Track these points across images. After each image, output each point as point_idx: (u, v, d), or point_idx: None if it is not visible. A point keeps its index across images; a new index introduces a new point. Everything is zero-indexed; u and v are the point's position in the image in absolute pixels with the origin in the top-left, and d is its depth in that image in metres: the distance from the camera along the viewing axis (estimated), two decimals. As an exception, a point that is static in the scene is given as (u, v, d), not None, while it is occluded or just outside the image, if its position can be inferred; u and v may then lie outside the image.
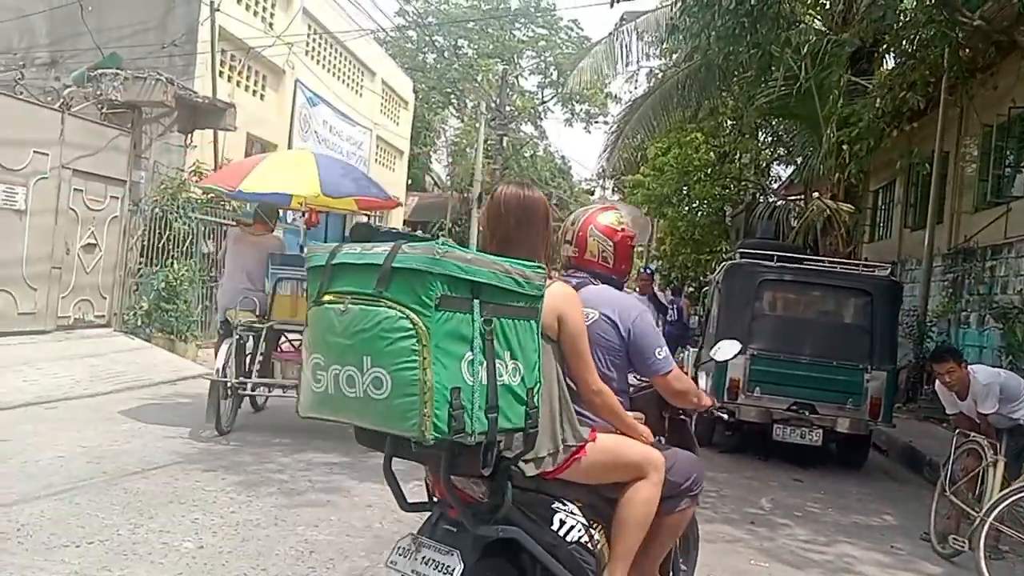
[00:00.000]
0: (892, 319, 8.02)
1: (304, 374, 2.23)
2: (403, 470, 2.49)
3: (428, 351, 2.00)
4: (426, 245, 2.09)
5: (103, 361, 9.25)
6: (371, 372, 2.03)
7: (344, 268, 2.18)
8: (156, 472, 5.41)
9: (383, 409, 2.04)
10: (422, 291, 2.03)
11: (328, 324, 2.13)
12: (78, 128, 9.85)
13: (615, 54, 16.98)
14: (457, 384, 2.04)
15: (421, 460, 2.41)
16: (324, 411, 2.20)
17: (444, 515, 2.46)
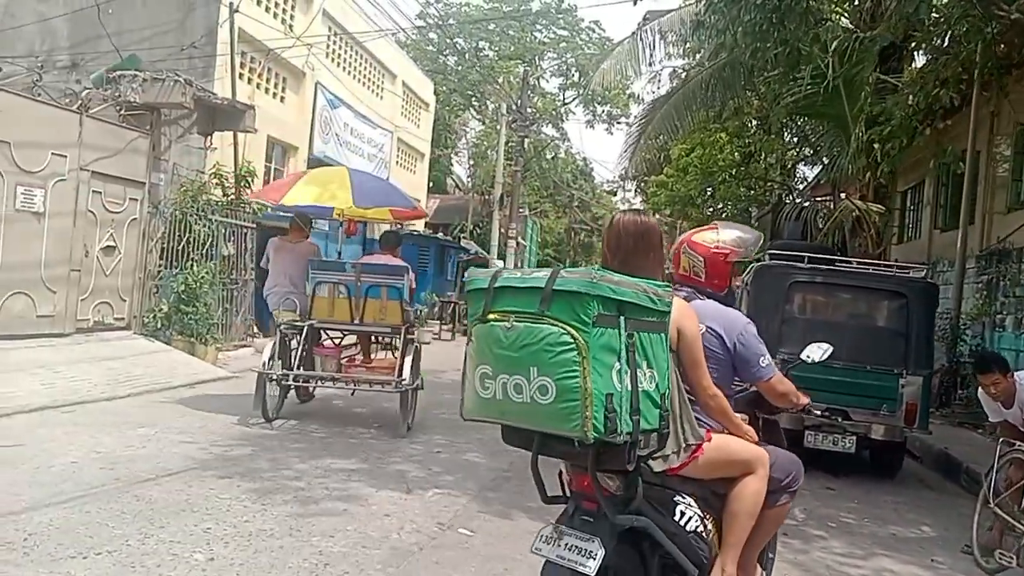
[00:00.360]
0: (928, 322, 7.74)
1: (468, 381, 2.56)
2: (422, 477, 2.74)
3: (587, 362, 2.32)
4: (583, 270, 2.44)
5: (121, 364, 9.17)
6: (537, 381, 2.36)
7: (506, 291, 2.51)
8: (170, 479, 5.28)
9: (548, 413, 2.36)
10: (581, 310, 2.35)
11: (495, 339, 2.46)
12: (96, 130, 9.80)
13: (638, 54, 16.76)
14: (610, 390, 2.35)
15: (567, 458, 2.70)
16: (490, 414, 2.55)
17: (579, 507, 2.72)
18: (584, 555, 2.58)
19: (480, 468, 6.41)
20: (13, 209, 8.79)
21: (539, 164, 38.67)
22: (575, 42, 40.36)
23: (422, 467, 6.20)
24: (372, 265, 7.94)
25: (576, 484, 2.75)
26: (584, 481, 2.67)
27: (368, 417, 8.31)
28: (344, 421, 7.87)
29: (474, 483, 5.89)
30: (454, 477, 6.00)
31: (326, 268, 7.84)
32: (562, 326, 2.35)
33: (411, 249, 23.19)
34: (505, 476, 6.23)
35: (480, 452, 6.99)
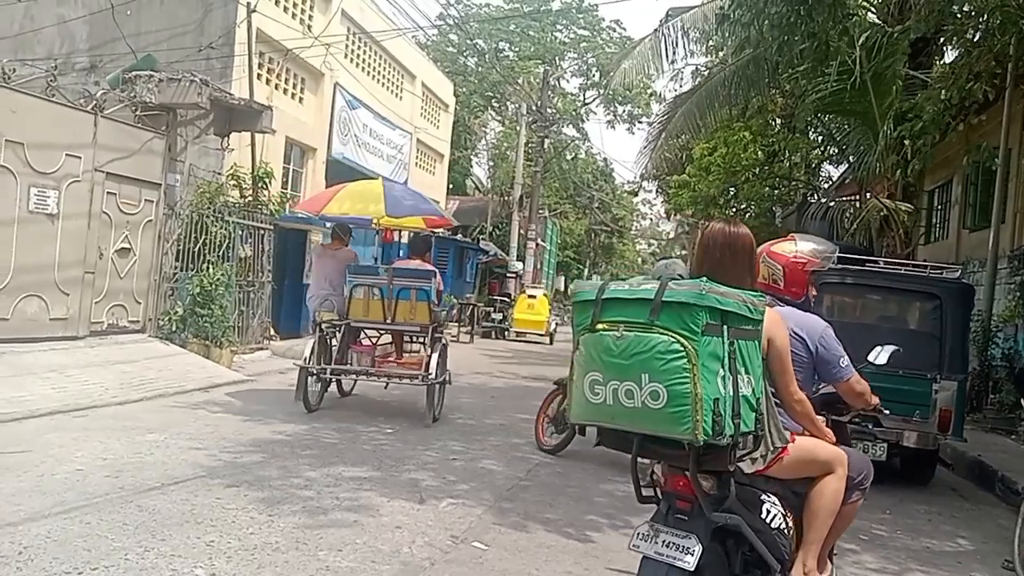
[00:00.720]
0: (963, 325, 7.44)
1: (575, 387, 2.72)
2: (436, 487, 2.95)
3: (697, 369, 2.47)
4: (691, 282, 2.60)
5: (135, 368, 9.07)
6: (649, 386, 2.51)
7: (614, 302, 2.66)
8: (175, 487, 5.12)
9: (659, 417, 2.51)
10: (690, 320, 2.51)
11: (605, 347, 2.61)
12: (111, 130, 9.71)
13: (660, 51, 16.51)
14: (716, 395, 2.50)
15: (666, 459, 2.81)
16: (600, 418, 2.70)
17: (672, 506, 2.83)
18: (682, 551, 2.71)
19: (496, 476, 6.20)
20: (27, 211, 8.71)
21: (559, 165, 38.46)
22: (595, 42, 40.11)
23: (436, 475, 6.01)
24: (403, 269, 8.63)
25: (670, 484, 2.86)
26: (679, 481, 2.82)
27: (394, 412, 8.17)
28: (368, 417, 7.71)
29: (490, 492, 5.69)
30: (469, 486, 5.79)
31: (361, 272, 8.56)
32: (672, 335, 2.50)
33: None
34: (522, 485, 6.02)
35: (497, 459, 6.79)
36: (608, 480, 6.48)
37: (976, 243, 14.98)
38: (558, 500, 5.71)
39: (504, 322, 22.22)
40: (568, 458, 7.13)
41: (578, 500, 5.76)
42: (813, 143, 20.66)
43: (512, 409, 9.70)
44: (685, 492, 2.80)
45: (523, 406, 10.02)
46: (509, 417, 9.09)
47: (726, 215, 22.23)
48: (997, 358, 12.16)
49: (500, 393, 11.11)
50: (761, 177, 20.40)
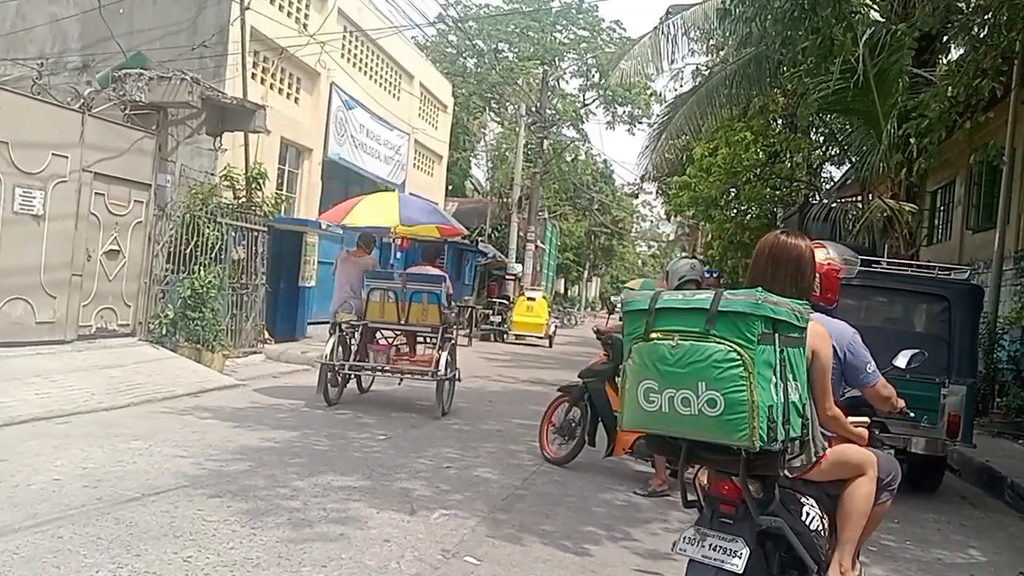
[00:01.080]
0: (972, 327, 7.23)
1: (630, 395, 2.76)
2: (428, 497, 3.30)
3: (753, 377, 2.53)
4: (746, 292, 2.65)
5: (123, 372, 8.86)
6: (706, 394, 2.56)
7: (668, 311, 2.72)
8: (156, 498, 4.90)
9: (716, 424, 2.57)
10: (746, 329, 2.57)
11: (660, 356, 2.67)
12: (100, 130, 9.51)
13: (660, 50, 16.32)
14: (770, 402, 2.57)
15: (715, 465, 2.88)
16: (655, 426, 2.77)
17: (717, 510, 2.90)
18: (730, 554, 2.77)
19: (491, 485, 5.99)
20: (11, 211, 8.53)
21: (559, 166, 38.27)
22: (595, 42, 39.92)
23: (429, 484, 5.79)
24: (415, 275, 9.25)
25: (715, 489, 2.92)
26: (724, 486, 2.89)
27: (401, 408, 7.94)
28: (363, 423, 7.50)
29: (484, 503, 5.47)
30: (463, 496, 5.58)
31: (378, 277, 9.26)
32: (728, 344, 2.56)
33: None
34: (518, 494, 5.81)
35: (492, 467, 6.58)
36: (607, 488, 6.27)
37: (980, 244, 14.81)
38: (555, 510, 5.49)
39: (503, 325, 22.01)
40: (567, 466, 6.92)
41: (576, 510, 5.55)
42: (815, 143, 20.47)
43: (509, 414, 9.50)
44: (730, 496, 2.87)
45: (520, 411, 9.83)
46: (506, 422, 8.88)
47: (727, 216, 22.04)
48: (1003, 361, 11.96)
49: (497, 398, 10.89)
50: (762, 178, 20.18)
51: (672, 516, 5.70)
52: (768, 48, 13.27)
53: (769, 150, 20.09)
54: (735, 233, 21.43)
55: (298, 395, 9.36)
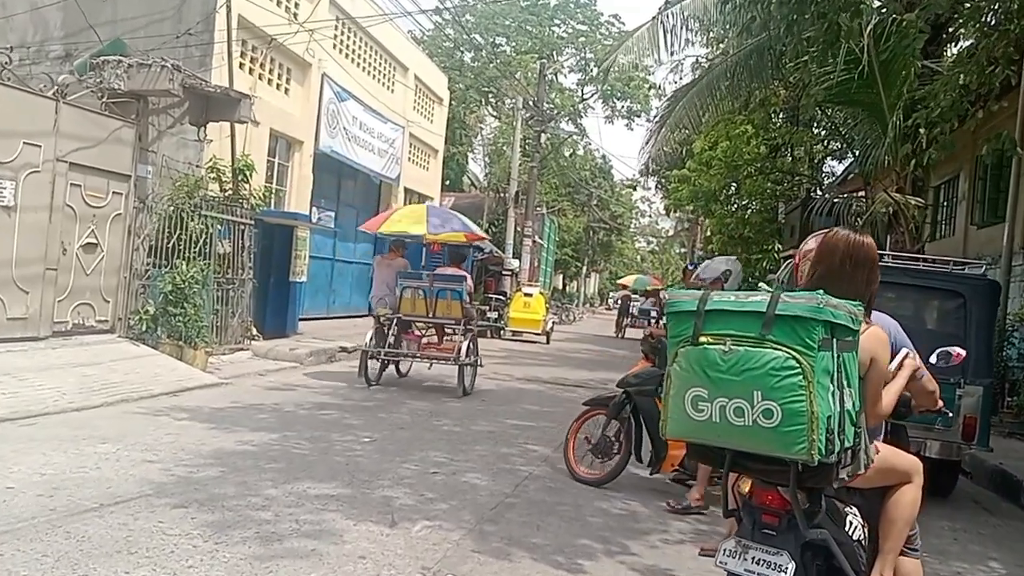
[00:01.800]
0: (988, 325, 6.87)
1: (675, 403, 2.62)
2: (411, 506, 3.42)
3: (812, 386, 2.39)
4: (807, 294, 2.50)
5: (99, 370, 8.48)
6: (762, 404, 2.43)
7: (718, 314, 2.58)
8: (115, 509, 4.53)
9: (772, 436, 2.44)
10: (805, 334, 2.43)
11: (711, 362, 2.52)
12: (76, 118, 9.11)
13: (658, 41, 15.96)
14: (829, 413, 2.43)
15: (763, 475, 2.74)
16: (704, 436, 2.62)
17: (758, 521, 2.78)
18: (774, 568, 2.67)
19: (480, 493, 5.61)
20: (-20, 203, 8.14)
21: (556, 161, 37.90)
22: (594, 36, 39.51)
23: (413, 492, 5.42)
24: (440, 275, 10.66)
25: (759, 499, 2.82)
26: (768, 496, 2.78)
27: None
28: (344, 426, 7.13)
29: (471, 513, 5.10)
30: (448, 505, 5.20)
31: (410, 277, 10.67)
32: (786, 350, 2.42)
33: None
34: (508, 503, 5.44)
35: (482, 473, 6.20)
36: (604, 496, 5.90)
37: (984, 240, 14.50)
38: (547, 521, 5.12)
39: (499, 321, 21.62)
40: (560, 471, 6.56)
41: (570, 521, 5.18)
42: (817, 137, 20.15)
43: (503, 414, 9.13)
44: (774, 506, 2.76)
45: (514, 411, 9.47)
46: (499, 423, 8.51)
47: (727, 211, 21.72)
48: (1013, 359, 11.61)
49: (491, 396, 10.52)
50: (764, 172, 19.88)
51: (672, 527, 5.34)
52: (771, 37, 12.92)
53: (770, 144, 19.79)
54: (736, 228, 21.13)
55: (282, 394, 9.00)
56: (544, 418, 9.17)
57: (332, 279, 19.33)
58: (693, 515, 5.62)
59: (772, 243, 21.75)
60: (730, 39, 16.75)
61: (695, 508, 5.67)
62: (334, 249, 19.25)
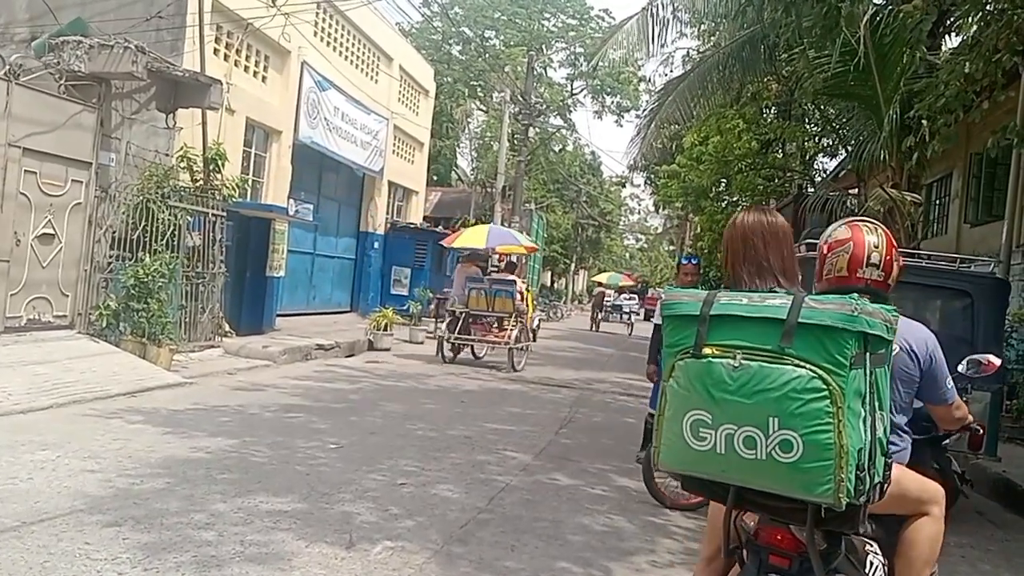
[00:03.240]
0: (997, 326, 6.46)
1: (671, 428, 2.21)
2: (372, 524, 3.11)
3: (842, 412, 1.99)
4: (837, 299, 2.08)
5: (52, 369, 7.97)
6: (778, 434, 2.02)
7: (727, 319, 2.15)
8: (38, 528, 4.04)
9: (790, 473, 2.02)
10: (835, 349, 2.01)
11: (717, 380, 2.11)
12: (30, 101, 8.58)
13: (648, 32, 15.55)
14: (860, 445, 2.03)
15: (773, 513, 2.33)
16: (706, 470, 2.19)
17: (765, 562, 2.42)
18: None
19: (451, 507, 5.14)
20: (-77, 189, 7.61)
21: (545, 156, 37.46)
22: (584, 30, 39.08)
23: (377, 507, 4.94)
24: (496, 279, 14.11)
25: (766, 537, 2.43)
26: (777, 535, 2.40)
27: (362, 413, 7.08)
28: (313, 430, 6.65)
29: (439, 531, 4.63)
30: (414, 522, 4.73)
31: (476, 281, 13.88)
32: (811, 368, 2.01)
33: (407, 243, 22.04)
34: (481, 519, 4.97)
35: (454, 483, 5.73)
36: (586, 510, 5.44)
37: (978, 239, 14.19)
38: (523, 540, 4.66)
39: (484, 318, 21.14)
40: (541, 480, 6.11)
41: (548, 540, 4.72)
42: (809, 132, 19.80)
43: (482, 417, 8.66)
44: (784, 547, 2.38)
45: (495, 414, 9.01)
46: (477, 427, 8.04)
47: (717, 208, 21.33)
48: (1012, 361, 11.23)
49: (471, 398, 10.05)
50: (755, 168, 19.49)
51: (660, 545, 4.89)
52: (764, 27, 12.54)
53: (762, 139, 19.42)
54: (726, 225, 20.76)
55: (248, 395, 8.51)
56: (526, 421, 8.72)
57: (312, 274, 18.82)
58: (683, 533, 5.18)
59: (763, 241, 21.39)
60: (722, 31, 16.40)
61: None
62: (314, 243, 18.74)
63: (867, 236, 2.71)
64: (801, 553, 2.34)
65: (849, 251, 2.69)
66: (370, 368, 11.92)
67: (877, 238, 2.71)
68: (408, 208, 24.49)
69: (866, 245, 2.69)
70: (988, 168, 13.83)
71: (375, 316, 15.12)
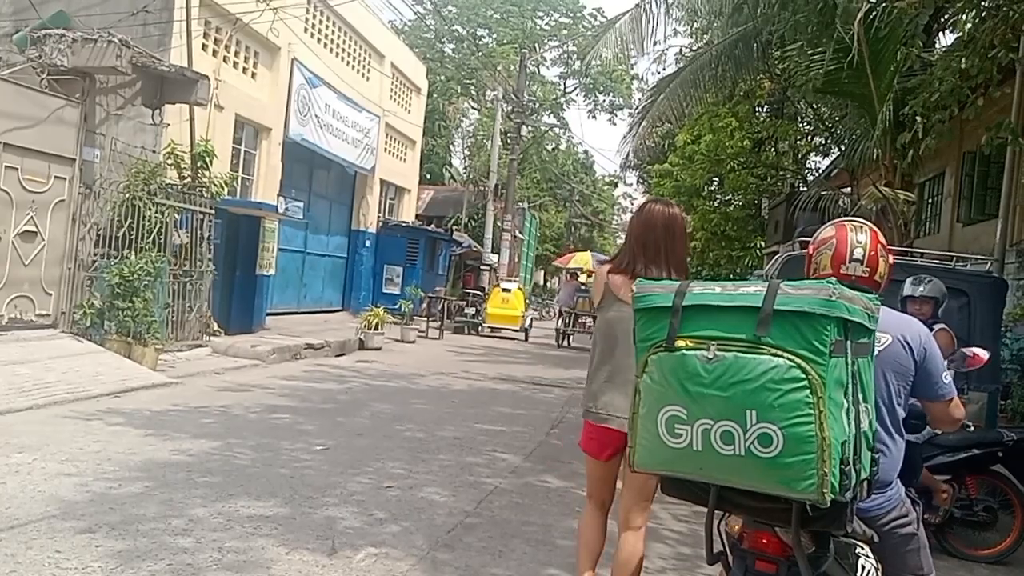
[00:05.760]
0: (994, 326, 6.37)
1: (646, 426, 2.13)
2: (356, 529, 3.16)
3: (823, 403, 1.92)
4: (813, 285, 2.02)
5: (32, 369, 7.81)
6: (757, 428, 1.94)
7: (700, 309, 2.08)
8: (7, 535, 3.90)
9: (770, 469, 1.95)
10: (814, 336, 1.94)
11: (691, 373, 2.03)
12: (11, 96, 8.43)
13: (641, 30, 15.44)
14: (844, 437, 1.97)
15: (755, 514, 2.24)
16: (683, 468, 2.11)
17: (751, 568, 2.35)
18: None
19: (438, 511, 5.01)
20: (-100, 185, 7.44)
21: (538, 155, 37.33)
22: (576, 29, 38.97)
23: (361, 511, 4.81)
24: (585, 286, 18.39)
25: (751, 541, 2.36)
26: (762, 538, 2.34)
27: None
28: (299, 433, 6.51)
29: (425, 536, 4.50)
30: (400, 527, 4.60)
31: (580, 290, 17.75)
32: (789, 357, 1.95)
33: (399, 242, 21.88)
34: (468, 524, 4.84)
35: (442, 486, 5.60)
36: (576, 514, 5.29)
37: (971, 238, 14.12)
38: (511, 545, 4.54)
39: (477, 317, 21.02)
40: (531, 483, 5.99)
41: (536, 545, 4.60)
42: (802, 131, 19.74)
43: (472, 418, 8.54)
44: (769, 552, 2.31)
45: (485, 414, 8.88)
46: (467, 428, 7.91)
47: (709, 207, 21.26)
48: (1006, 360, 11.15)
49: (461, 397, 9.92)
50: (747, 166, 19.42)
51: (651, 550, 4.76)
52: (758, 23, 12.46)
53: (754, 137, 19.35)
54: (718, 224, 20.67)
55: (234, 396, 8.37)
56: (516, 422, 8.59)
57: (303, 272, 18.66)
58: (674, 538, 5.07)
59: (755, 239, 21.31)
60: (714, 29, 16.34)
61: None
62: (305, 241, 18.58)
63: (851, 233, 2.65)
64: (788, 557, 2.26)
65: (832, 248, 2.63)
66: (360, 368, 11.78)
67: (862, 235, 2.65)
68: (400, 206, 24.34)
69: (849, 241, 2.63)
70: (981, 167, 13.78)
71: (366, 315, 14.99)
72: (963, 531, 5.36)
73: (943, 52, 9.69)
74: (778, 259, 7.07)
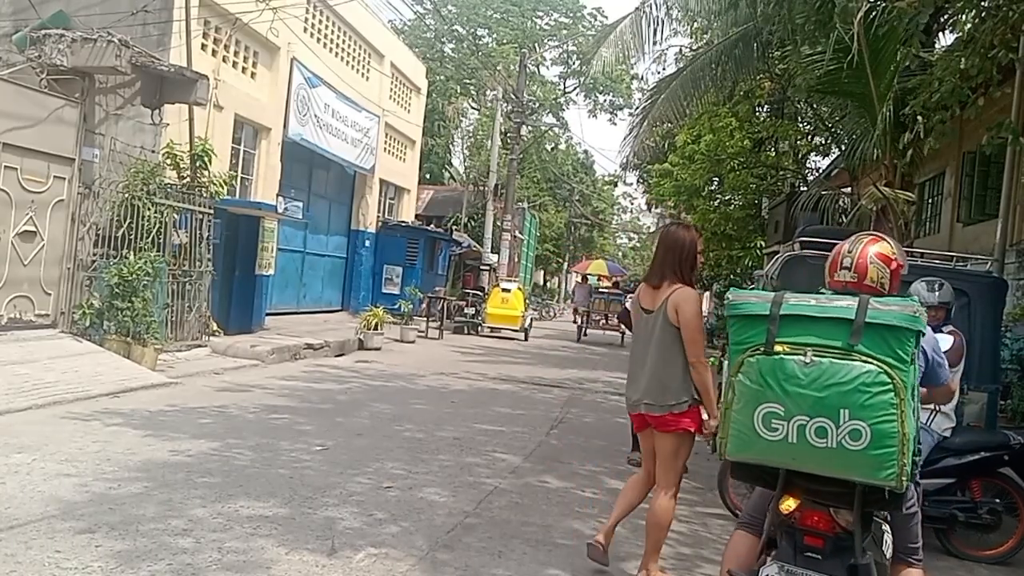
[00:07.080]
0: (994, 326, 6.35)
1: (742, 420, 2.43)
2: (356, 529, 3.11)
3: (904, 404, 2.27)
4: (900, 301, 2.36)
5: (32, 369, 7.80)
6: (849, 424, 2.27)
7: (796, 319, 2.39)
8: (7, 535, 3.90)
9: (858, 460, 2.29)
10: (899, 346, 2.29)
11: (789, 375, 2.34)
12: (10, 95, 8.41)
13: (641, 32, 15.45)
14: (914, 432, 2.31)
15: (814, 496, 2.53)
16: (778, 458, 2.44)
17: (800, 543, 2.58)
18: None
19: (438, 511, 5.01)
20: (-100, 185, 7.43)
21: (538, 155, 37.32)
22: (577, 29, 38.97)
23: (361, 511, 4.80)
24: (606, 291, 24.51)
25: (804, 520, 2.62)
26: (814, 517, 2.59)
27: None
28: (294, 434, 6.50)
29: (424, 537, 4.50)
30: (399, 528, 4.60)
31: (600, 293, 24.08)
32: (878, 364, 2.25)
33: (398, 242, 21.87)
34: (468, 524, 4.84)
35: (442, 487, 5.60)
36: (576, 514, 5.32)
37: (971, 238, 14.11)
38: (511, 546, 4.53)
39: (477, 317, 21.01)
40: (530, 483, 5.98)
41: (536, 545, 4.59)
42: (801, 131, 19.72)
43: (472, 418, 8.53)
44: (820, 528, 2.59)
45: (485, 414, 8.88)
46: (467, 428, 7.91)
47: (710, 206, 21.25)
48: (1007, 360, 11.14)
49: (461, 398, 9.92)
50: (747, 166, 19.40)
51: (652, 550, 4.76)
52: (758, 23, 12.45)
53: (754, 137, 19.33)
54: (719, 224, 20.66)
55: (234, 396, 8.36)
56: (516, 422, 8.58)
57: (303, 272, 18.65)
58: (675, 538, 5.06)
59: (755, 239, 21.30)
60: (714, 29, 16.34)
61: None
62: (305, 241, 18.57)
63: (846, 244, 2.87)
64: (835, 534, 2.55)
65: (830, 259, 2.89)
66: (359, 368, 11.77)
67: (856, 246, 2.85)
68: (400, 206, 24.32)
69: (841, 252, 2.85)
70: (981, 167, 13.77)
71: (366, 315, 14.98)
72: (966, 532, 5.35)
73: (943, 52, 9.68)
74: (778, 259, 7.05)
